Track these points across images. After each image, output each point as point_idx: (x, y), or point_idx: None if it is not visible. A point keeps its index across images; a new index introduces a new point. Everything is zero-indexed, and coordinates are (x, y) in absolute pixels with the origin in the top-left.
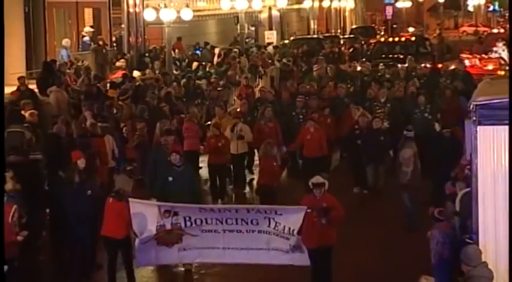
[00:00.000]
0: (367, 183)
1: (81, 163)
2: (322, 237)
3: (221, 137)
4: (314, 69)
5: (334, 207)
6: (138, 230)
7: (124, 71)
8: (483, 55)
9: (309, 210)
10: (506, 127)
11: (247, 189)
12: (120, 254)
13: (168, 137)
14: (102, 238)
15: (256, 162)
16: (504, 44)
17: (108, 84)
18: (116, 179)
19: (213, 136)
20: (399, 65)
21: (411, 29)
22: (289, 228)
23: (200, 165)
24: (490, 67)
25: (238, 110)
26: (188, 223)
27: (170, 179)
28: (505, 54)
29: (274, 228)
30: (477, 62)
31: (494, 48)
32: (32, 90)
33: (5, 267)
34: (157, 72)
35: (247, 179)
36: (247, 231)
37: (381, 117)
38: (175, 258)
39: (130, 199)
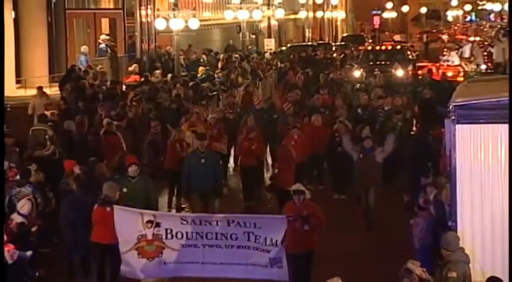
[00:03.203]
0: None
1: (76, 170)
2: (303, 243)
3: (254, 140)
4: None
5: (314, 214)
6: (120, 238)
7: (137, 75)
8: (442, 63)
9: (290, 218)
10: (482, 125)
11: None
12: (107, 260)
13: (202, 142)
14: (92, 244)
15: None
16: (456, 53)
17: (124, 87)
18: (103, 186)
19: (246, 139)
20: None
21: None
22: (272, 240)
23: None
24: (450, 74)
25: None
26: (169, 236)
27: (124, 190)
28: (457, 62)
29: (254, 242)
30: (434, 69)
31: (445, 57)
32: None
33: (29, 253)
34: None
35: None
36: (226, 246)
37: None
38: (156, 272)
39: (115, 206)
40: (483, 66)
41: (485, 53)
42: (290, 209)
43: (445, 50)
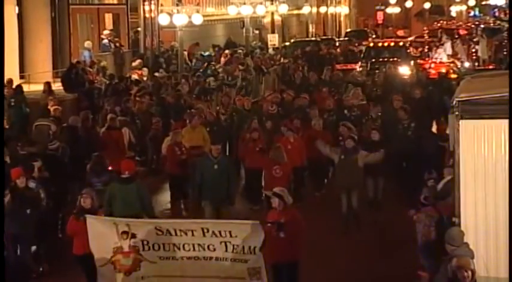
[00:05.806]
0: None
1: (20, 183)
2: (283, 252)
3: (259, 142)
4: None
5: (293, 221)
6: (95, 250)
7: (141, 71)
8: (434, 60)
9: (268, 224)
10: (486, 121)
11: None
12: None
13: (214, 146)
14: (75, 257)
15: None
16: (443, 50)
17: (129, 82)
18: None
19: (250, 140)
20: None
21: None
22: (250, 247)
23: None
24: (444, 70)
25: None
26: (146, 247)
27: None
28: (446, 59)
29: (232, 252)
30: (427, 66)
31: (435, 54)
32: None
33: (33, 248)
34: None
35: None
36: (204, 258)
37: (377, 129)
38: None
39: (87, 216)
40: (466, 64)
41: (473, 50)
42: (271, 215)
43: (426, 47)
